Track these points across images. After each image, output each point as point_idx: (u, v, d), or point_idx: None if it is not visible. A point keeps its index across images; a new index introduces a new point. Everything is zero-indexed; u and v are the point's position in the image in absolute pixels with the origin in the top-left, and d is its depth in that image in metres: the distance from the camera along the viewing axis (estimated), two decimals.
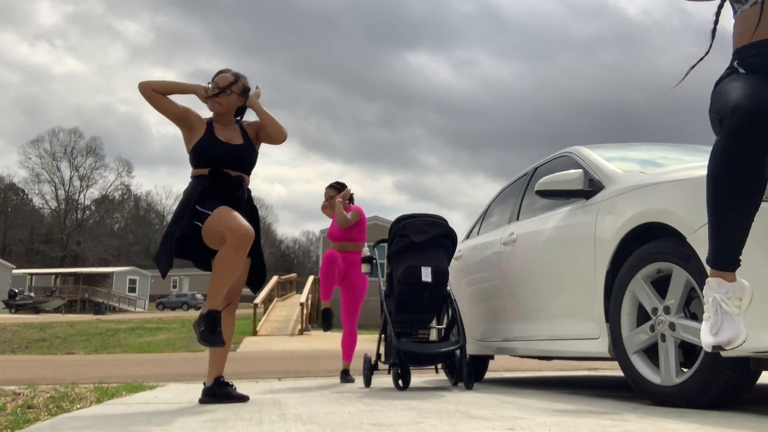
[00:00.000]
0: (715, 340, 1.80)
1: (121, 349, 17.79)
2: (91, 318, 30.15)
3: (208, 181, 3.37)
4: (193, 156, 3.44)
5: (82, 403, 3.57)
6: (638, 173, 3.29)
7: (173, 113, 3.42)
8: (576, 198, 3.60)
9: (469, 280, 5.08)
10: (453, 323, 4.50)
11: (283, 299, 29.87)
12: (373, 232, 23.37)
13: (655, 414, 2.48)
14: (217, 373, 3.46)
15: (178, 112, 3.43)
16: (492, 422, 2.30)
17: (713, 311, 1.83)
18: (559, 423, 2.26)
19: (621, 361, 3.04)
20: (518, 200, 4.63)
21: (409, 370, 4.17)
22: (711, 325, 1.83)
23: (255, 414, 2.78)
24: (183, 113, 3.44)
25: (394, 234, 4.47)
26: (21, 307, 39.45)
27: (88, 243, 59.84)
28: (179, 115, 3.43)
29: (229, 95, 3.47)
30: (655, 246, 2.85)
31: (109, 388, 4.54)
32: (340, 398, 3.50)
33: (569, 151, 4.07)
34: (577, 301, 3.49)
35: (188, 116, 3.45)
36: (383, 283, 4.68)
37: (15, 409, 3.18)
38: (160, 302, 46.31)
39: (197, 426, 2.39)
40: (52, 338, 20.58)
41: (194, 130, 3.44)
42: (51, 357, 14.39)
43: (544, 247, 3.88)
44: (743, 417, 2.37)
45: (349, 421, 2.39)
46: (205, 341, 3.16)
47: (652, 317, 2.85)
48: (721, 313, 1.81)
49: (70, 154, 63.59)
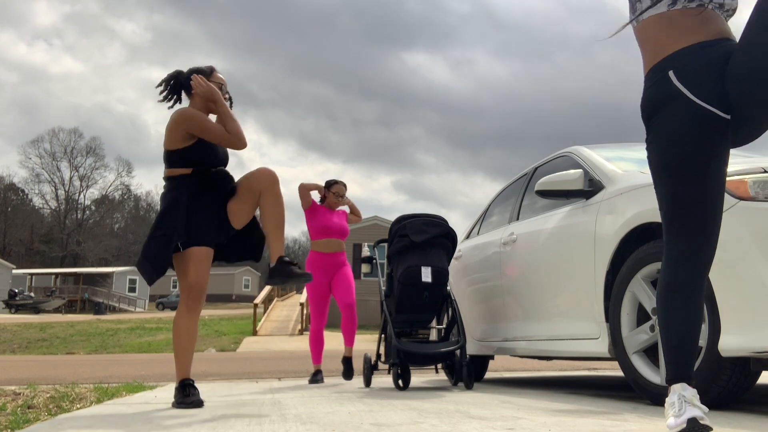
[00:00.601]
0: (681, 419, 1.86)
1: (121, 349, 17.79)
2: (91, 318, 30.16)
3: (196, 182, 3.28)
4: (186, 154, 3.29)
5: (82, 403, 3.57)
6: (638, 173, 3.29)
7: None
8: (576, 198, 3.60)
9: (469, 280, 5.08)
10: (453, 323, 4.50)
11: (283, 299, 29.89)
12: (373, 232, 23.49)
13: (655, 414, 2.48)
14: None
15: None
16: (492, 422, 2.30)
17: (678, 405, 1.89)
18: (559, 423, 2.26)
19: (621, 361, 3.04)
20: (518, 200, 4.63)
21: (409, 370, 4.17)
22: (676, 411, 1.89)
23: (255, 414, 2.78)
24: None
25: (394, 234, 4.47)
26: (21, 307, 39.44)
27: (88, 243, 59.85)
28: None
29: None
30: (655, 246, 2.85)
31: (109, 388, 4.54)
32: (340, 398, 3.50)
33: (569, 151, 4.07)
34: (577, 301, 3.49)
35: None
36: (383, 283, 4.68)
37: (15, 409, 3.17)
38: (160, 302, 46.33)
39: (197, 426, 2.39)
40: (52, 338, 20.59)
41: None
42: (51, 357, 14.40)
43: (544, 247, 3.88)
44: (743, 417, 2.37)
45: (349, 421, 2.39)
46: (184, 407, 3.11)
47: (652, 317, 2.85)
48: (686, 403, 1.88)
49: (70, 154, 63.64)
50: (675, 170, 1.95)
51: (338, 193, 5.38)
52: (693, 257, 1.93)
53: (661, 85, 1.98)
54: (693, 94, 1.92)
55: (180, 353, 3.19)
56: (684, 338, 1.96)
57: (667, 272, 1.97)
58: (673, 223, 1.95)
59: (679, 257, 1.94)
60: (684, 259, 1.93)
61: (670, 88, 1.95)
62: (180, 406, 3.11)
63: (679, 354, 1.95)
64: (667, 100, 1.96)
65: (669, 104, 1.96)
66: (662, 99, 1.97)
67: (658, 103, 1.98)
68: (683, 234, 1.93)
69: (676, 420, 1.87)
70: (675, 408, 1.89)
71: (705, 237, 1.93)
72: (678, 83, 1.94)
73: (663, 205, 2.00)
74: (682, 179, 1.94)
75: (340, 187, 5.41)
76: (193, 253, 3.19)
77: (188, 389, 3.17)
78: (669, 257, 1.97)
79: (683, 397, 1.89)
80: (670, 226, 1.96)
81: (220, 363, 9.74)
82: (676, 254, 1.95)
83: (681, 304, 1.95)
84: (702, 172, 1.92)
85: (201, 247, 3.20)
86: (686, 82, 1.93)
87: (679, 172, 1.94)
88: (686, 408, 1.87)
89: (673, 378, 1.94)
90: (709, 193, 1.93)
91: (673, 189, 1.96)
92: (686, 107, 1.93)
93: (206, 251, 3.22)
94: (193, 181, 3.29)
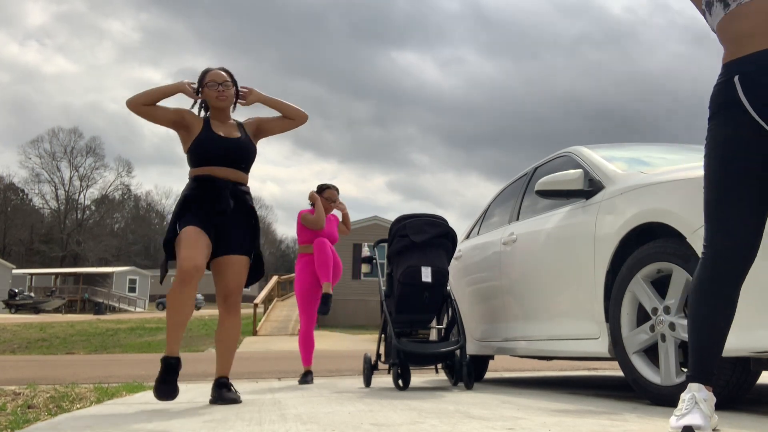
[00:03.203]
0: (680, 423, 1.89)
1: (121, 349, 17.80)
2: (91, 318, 30.16)
3: (195, 187, 3.35)
4: (192, 154, 3.40)
5: (82, 403, 3.57)
6: (638, 173, 3.29)
7: (168, 119, 3.42)
8: (576, 198, 3.60)
9: (469, 280, 5.08)
10: (453, 323, 4.50)
11: (283, 299, 29.87)
12: (373, 232, 23.49)
13: (655, 414, 2.48)
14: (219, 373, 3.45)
15: (172, 117, 3.42)
16: (492, 422, 2.30)
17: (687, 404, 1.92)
18: (559, 423, 2.26)
19: (621, 361, 3.04)
20: (518, 200, 4.63)
21: (409, 370, 4.17)
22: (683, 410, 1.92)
23: (255, 414, 2.78)
24: (177, 116, 3.42)
25: (394, 234, 4.47)
26: (21, 307, 39.42)
27: (88, 243, 59.82)
28: (174, 118, 3.42)
29: (230, 88, 3.48)
30: (655, 246, 2.85)
31: (109, 388, 4.54)
32: (340, 398, 3.50)
33: (569, 151, 4.07)
34: (577, 301, 3.49)
35: (183, 116, 3.43)
36: (383, 283, 4.68)
37: (15, 409, 3.18)
38: (160, 302, 46.27)
39: (197, 426, 2.39)
40: (52, 338, 20.59)
41: (191, 129, 3.42)
42: (51, 357, 14.39)
43: (544, 247, 3.88)
44: (743, 417, 2.37)
45: (349, 421, 2.39)
46: (155, 392, 3.17)
47: (652, 317, 2.85)
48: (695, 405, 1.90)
49: (70, 154, 63.59)
50: (719, 175, 2.02)
51: (330, 198, 5.38)
52: (729, 261, 1.98)
53: (725, 88, 2.03)
54: (751, 105, 1.96)
55: (168, 327, 3.19)
56: (708, 339, 2.00)
57: (702, 271, 2.02)
58: (712, 226, 2.02)
59: (716, 258, 1.99)
60: (719, 260, 1.99)
61: (733, 93, 2.00)
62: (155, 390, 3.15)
63: (702, 354, 2.00)
64: (727, 104, 2.02)
65: (728, 109, 2.01)
66: (723, 103, 2.03)
67: (719, 107, 2.04)
68: (720, 237, 1.99)
69: (676, 421, 1.90)
70: (683, 406, 1.92)
71: (742, 243, 1.98)
72: (741, 93, 1.98)
73: (705, 205, 2.06)
74: (724, 184, 2.00)
75: (332, 192, 5.40)
76: (184, 232, 3.22)
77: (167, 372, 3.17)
78: (706, 257, 2.02)
79: (694, 398, 1.92)
80: (710, 227, 2.02)
81: None
82: (712, 255, 2.00)
83: (712, 304, 2.00)
84: (744, 180, 1.97)
85: (190, 227, 3.23)
86: (748, 91, 1.97)
87: (722, 177, 2.01)
88: (692, 410, 1.89)
89: (692, 376, 1.99)
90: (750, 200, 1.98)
91: (716, 193, 2.02)
92: (741, 115, 1.98)
93: (195, 230, 3.23)
94: (192, 186, 3.37)
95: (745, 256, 1.98)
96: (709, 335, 2.00)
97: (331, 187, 5.42)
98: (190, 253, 3.14)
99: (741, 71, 1.99)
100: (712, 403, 1.95)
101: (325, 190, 5.39)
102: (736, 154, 1.99)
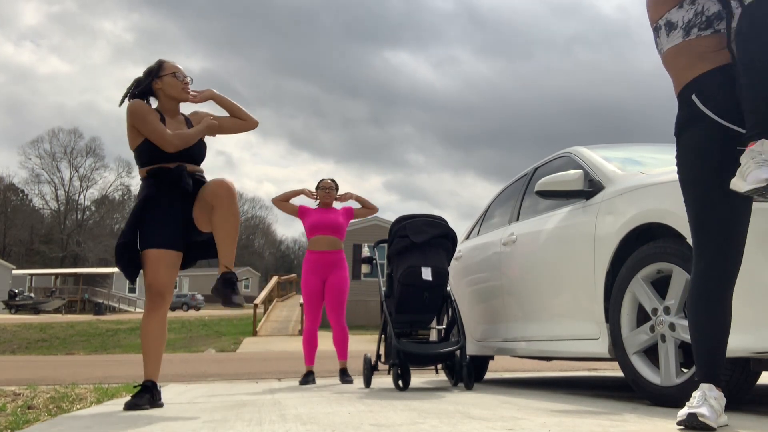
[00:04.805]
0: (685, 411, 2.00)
1: (121, 349, 17.80)
2: (91, 318, 30.15)
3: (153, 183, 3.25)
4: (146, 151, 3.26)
5: (82, 403, 3.57)
6: (638, 174, 3.29)
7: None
8: (576, 198, 3.59)
9: (469, 280, 5.08)
10: (453, 323, 4.50)
11: (283, 299, 29.88)
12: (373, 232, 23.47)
13: (655, 414, 2.48)
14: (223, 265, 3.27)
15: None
16: (492, 422, 2.30)
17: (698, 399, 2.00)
18: (559, 423, 2.26)
19: (621, 361, 3.04)
20: (518, 201, 4.63)
21: (409, 371, 4.17)
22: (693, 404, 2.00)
23: (255, 414, 2.78)
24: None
25: (394, 234, 4.47)
26: (21, 308, 39.42)
27: (88, 243, 59.79)
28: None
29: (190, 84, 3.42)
30: (655, 246, 2.85)
31: (109, 388, 4.54)
32: (340, 398, 3.50)
33: (569, 152, 4.07)
34: (577, 302, 3.49)
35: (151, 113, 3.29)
36: (383, 284, 4.68)
37: (15, 410, 3.18)
38: None
39: (197, 426, 2.39)
40: (52, 338, 20.60)
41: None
42: (51, 357, 14.40)
43: (544, 247, 3.88)
44: (743, 417, 2.37)
45: (349, 422, 2.39)
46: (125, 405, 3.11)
47: (652, 317, 2.85)
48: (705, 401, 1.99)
49: (70, 155, 63.53)
50: (700, 186, 2.10)
51: (324, 186, 5.42)
52: (719, 270, 2.06)
53: (686, 109, 2.16)
54: (716, 114, 2.07)
55: (144, 354, 3.20)
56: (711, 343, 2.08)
57: (696, 283, 2.10)
58: (700, 237, 2.09)
59: (706, 269, 2.07)
60: (711, 271, 2.07)
61: (695, 110, 2.12)
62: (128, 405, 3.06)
63: (707, 357, 2.08)
64: (692, 120, 2.13)
65: (694, 124, 2.12)
66: (688, 120, 2.15)
67: (685, 124, 2.16)
68: (709, 248, 2.07)
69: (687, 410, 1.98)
70: (694, 401, 2.00)
71: (730, 250, 2.06)
72: (701, 106, 2.10)
73: (690, 219, 2.14)
74: (707, 194, 2.08)
75: (326, 181, 5.50)
76: (147, 256, 3.19)
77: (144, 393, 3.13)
78: (697, 269, 2.10)
79: (705, 395, 2.00)
80: (698, 239, 2.09)
81: (219, 363, 9.75)
82: (703, 267, 2.08)
83: (710, 312, 2.08)
84: (725, 188, 2.02)
85: (153, 249, 3.18)
86: (708, 103, 2.09)
87: (704, 188, 2.09)
88: (701, 404, 1.97)
89: (701, 378, 2.07)
90: (733, 207, 2.05)
91: (700, 204, 2.09)
92: (710, 126, 2.09)
93: (158, 253, 3.18)
94: (149, 183, 3.27)
95: (736, 261, 2.07)
96: (714, 339, 2.07)
97: (326, 179, 5.53)
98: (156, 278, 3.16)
99: (696, 90, 2.13)
100: (722, 402, 2.01)
101: (321, 182, 5.52)
102: (711, 164, 2.07)
